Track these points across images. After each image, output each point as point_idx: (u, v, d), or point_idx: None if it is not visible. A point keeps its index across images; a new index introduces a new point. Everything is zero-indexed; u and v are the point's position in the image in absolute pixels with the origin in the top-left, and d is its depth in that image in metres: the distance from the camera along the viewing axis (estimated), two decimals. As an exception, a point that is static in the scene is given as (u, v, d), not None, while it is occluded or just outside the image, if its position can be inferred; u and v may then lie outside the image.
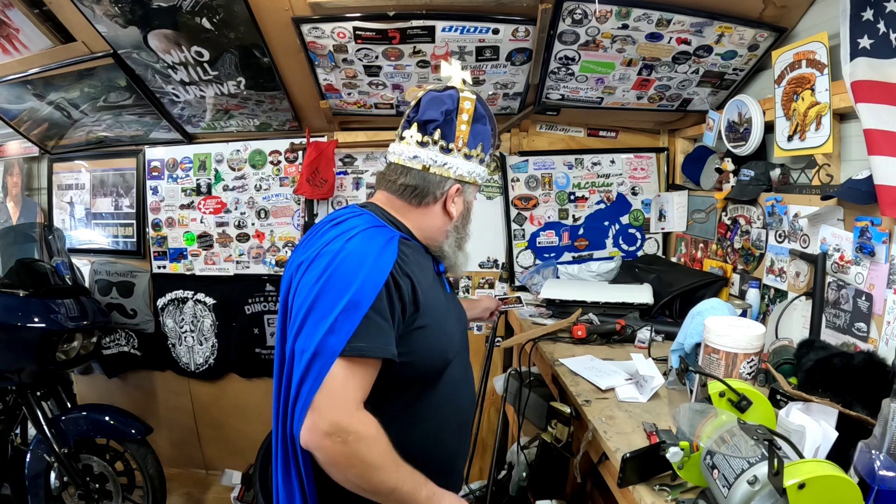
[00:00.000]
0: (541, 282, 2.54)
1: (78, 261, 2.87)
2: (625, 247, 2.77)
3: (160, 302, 2.96)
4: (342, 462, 0.97)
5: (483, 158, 1.23)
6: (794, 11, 1.85)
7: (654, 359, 1.61)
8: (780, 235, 1.88)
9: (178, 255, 2.92)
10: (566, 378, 1.62)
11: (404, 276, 1.04)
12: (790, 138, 1.74)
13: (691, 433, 1.01)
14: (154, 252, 2.95)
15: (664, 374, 1.54)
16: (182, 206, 2.90)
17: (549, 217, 2.75)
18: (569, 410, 1.54)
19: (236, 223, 2.87)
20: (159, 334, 2.98)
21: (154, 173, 2.91)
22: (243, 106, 2.55)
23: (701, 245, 2.43)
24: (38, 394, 2.30)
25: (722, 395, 1.10)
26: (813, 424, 1.04)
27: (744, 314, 1.85)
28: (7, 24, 2.19)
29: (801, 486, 0.80)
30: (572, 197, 2.75)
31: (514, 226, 2.75)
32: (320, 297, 1.00)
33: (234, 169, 2.84)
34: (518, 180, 2.74)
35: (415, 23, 1.93)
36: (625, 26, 1.92)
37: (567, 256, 2.77)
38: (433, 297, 1.13)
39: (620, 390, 1.49)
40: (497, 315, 2.01)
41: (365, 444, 0.97)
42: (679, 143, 2.67)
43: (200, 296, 2.93)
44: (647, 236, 2.77)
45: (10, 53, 2.35)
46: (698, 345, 1.42)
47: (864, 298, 1.49)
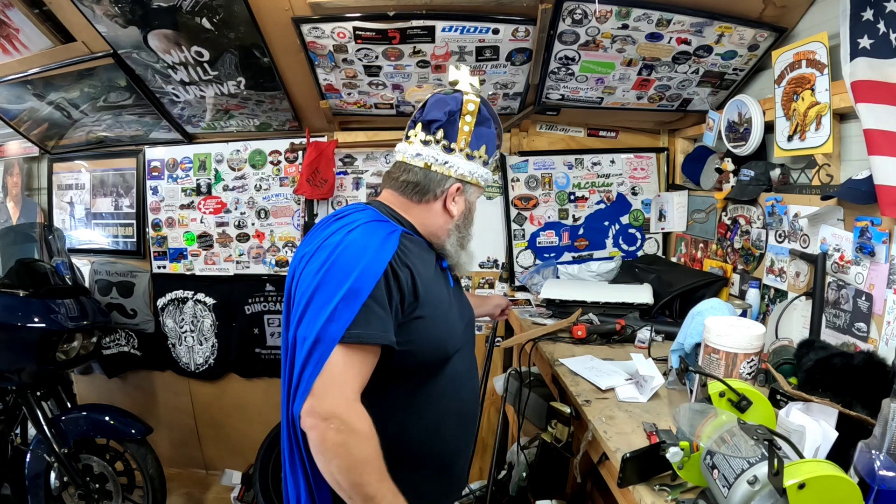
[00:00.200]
0: (541, 282, 2.54)
1: (78, 261, 2.87)
2: (625, 247, 2.77)
3: (160, 302, 2.96)
4: (329, 449, 0.98)
5: (486, 160, 1.25)
6: (794, 11, 1.85)
7: (654, 359, 1.61)
8: (780, 235, 1.88)
9: (178, 255, 2.92)
10: (566, 378, 1.62)
11: (404, 266, 1.07)
12: (790, 138, 1.74)
13: (691, 433, 1.01)
14: (154, 252, 2.95)
15: (664, 374, 1.54)
16: (182, 206, 2.90)
17: (549, 217, 2.76)
18: (569, 410, 1.54)
19: (236, 223, 2.87)
20: (159, 334, 2.98)
21: (154, 173, 2.91)
22: (243, 106, 2.55)
23: (701, 245, 2.43)
24: (38, 394, 2.30)
25: (722, 395, 1.10)
26: (813, 424, 1.04)
27: (744, 314, 1.85)
28: (7, 24, 2.19)
29: (801, 486, 0.80)
30: (572, 197, 2.75)
31: (514, 226, 2.75)
32: (321, 286, 1.03)
33: (234, 169, 2.84)
34: (518, 180, 2.74)
35: (415, 23, 1.93)
36: (625, 26, 1.92)
37: (567, 256, 2.77)
38: (434, 289, 1.15)
39: (620, 390, 1.49)
40: (507, 313, 2.02)
41: (356, 438, 0.98)
42: (679, 143, 2.67)
43: (200, 296, 2.93)
44: (647, 236, 2.77)
45: (10, 53, 2.35)
46: (698, 345, 1.42)
47: (864, 298, 1.49)
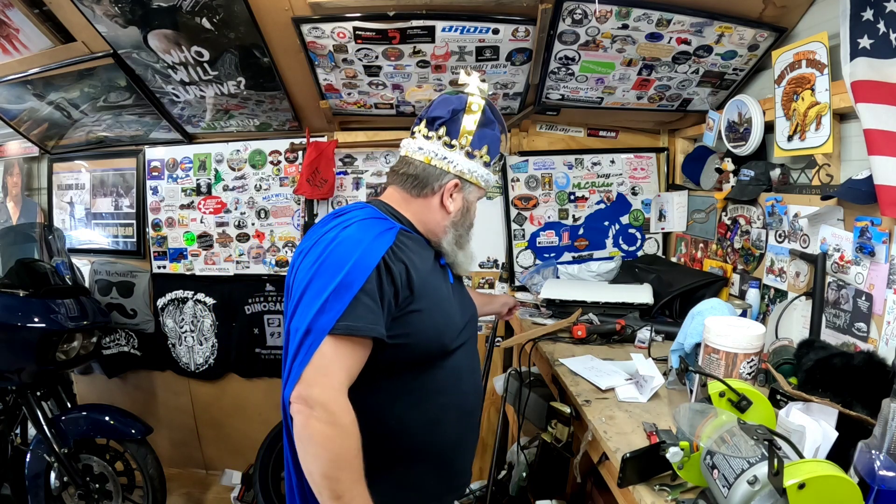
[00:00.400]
0: (541, 282, 2.54)
1: (78, 261, 2.87)
2: (625, 247, 2.77)
3: (160, 302, 2.96)
4: (308, 436, 0.98)
5: (487, 161, 1.27)
6: (794, 11, 1.85)
7: (654, 359, 1.62)
8: (780, 235, 1.88)
9: (178, 255, 2.92)
10: (566, 378, 1.62)
11: (398, 261, 1.09)
12: (790, 138, 1.74)
13: (691, 433, 1.01)
14: (154, 252, 2.95)
15: (664, 374, 1.54)
16: (182, 206, 2.90)
17: (549, 217, 2.76)
18: (569, 410, 1.54)
19: (236, 223, 2.87)
20: (159, 334, 2.98)
21: (154, 173, 2.91)
22: (243, 106, 2.55)
23: (701, 245, 2.43)
24: (38, 394, 2.30)
25: (722, 395, 1.10)
26: (813, 424, 1.04)
27: (744, 314, 1.85)
28: (7, 24, 2.19)
29: (801, 486, 0.80)
30: (572, 197, 2.75)
31: (514, 226, 2.75)
32: (314, 279, 1.06)
33: (234, 169, 2.84)
34: (518, 180, 2.74)
35: (415, 23, 1.93)
36: (625, 26, 1.92)
37: (567, 256, 2.77)
38: (432, 283, 1.17)
39: (620, 390, 1.49)
40: (515, 312, 2.03)
41: (336, 430, 0.98)
42: (679, 143, 2.67)
43: (200, 296, 2.93)
44: (647, 236, 2.77)
45: (10, 53, 2.35)
46: (698, 345, 1.42)
47: (864, 298, 1.49)
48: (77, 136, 2.90)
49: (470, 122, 1.22)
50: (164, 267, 2.95)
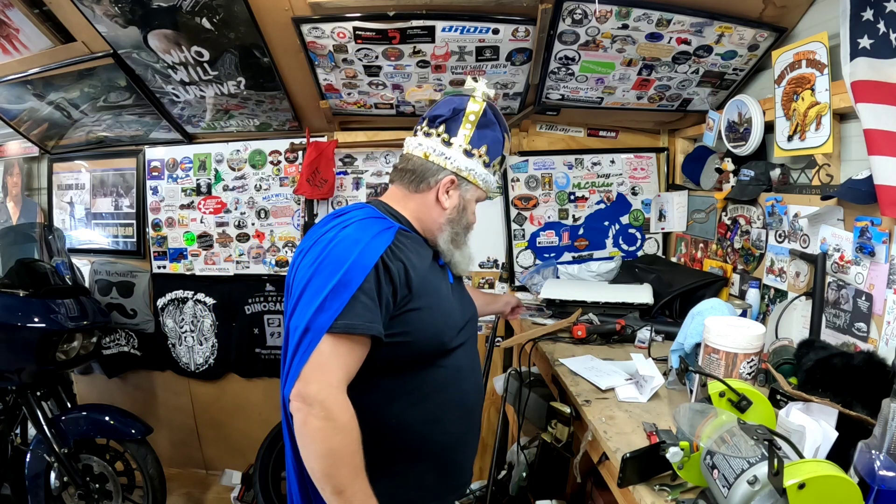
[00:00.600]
0: (541, 282, 2.54)
1: (78, 261, 2.87)
2: (625, 247, 2.77)
3: (160, 302, 2.96)
4: (308, 433, 1.00)
5: (487, 162, 1.27)
6: (794, 11, 1.85)
7: (654, 359, 1.61)
8: (780, 235, 1.88)
9: (178, 255, 2.92)
10: (566, 378, 1.62)
11: (397, 260, 1.10)
12: (790, 138, 1.74)
13: (691, 433, 1.01)
14: (154, 252, 2.94)
15: (664, 374, 1.54)
16: (182, 206, 2.90)
17: (549, 217, 2.75)
18: (569, 410, 1.54)
19: (236, 223, 2.87)
20: (159, 334, 2.98)
21: (154, 173, 2.91)
22: (243, 106, 2.55)
23: (701, 245, 2.43)
24: (38, 394, 2.30)
25: (722, 395, 1.10)
26: (813, 424, 1.04)
27: (744, 314, 1.85)
28: (7, 24, 2.19)
29: (801, 486, 0.80)
30: (572, 197, 2.75)
31: (514, 226, 2.75)
32: (313, 278, 1.07)
33: (234, 169, 2.84)
34: (518, 180, 2.74)
35: (415, 23, 1.93)
36: (625, 26, 1.92)
37: (567, 256, 2.77)
38: (431, 282, 1.18)
39: (620, 390, 1.49)
40: (518, 312, 2.04)
41: (334, 426, 0.99)
42: (679, 143, 2.67)
43: (200, 296, 2.93)
44: (647, 236, 2.77)
45: (10, 53, 2.35)
46: (698, 345, 1.42)
47: (864, 298, 1.49)
48: (77, 136, 2.90)
49: (470, 121, 1.23)
50: (164, 267, 2.95)
